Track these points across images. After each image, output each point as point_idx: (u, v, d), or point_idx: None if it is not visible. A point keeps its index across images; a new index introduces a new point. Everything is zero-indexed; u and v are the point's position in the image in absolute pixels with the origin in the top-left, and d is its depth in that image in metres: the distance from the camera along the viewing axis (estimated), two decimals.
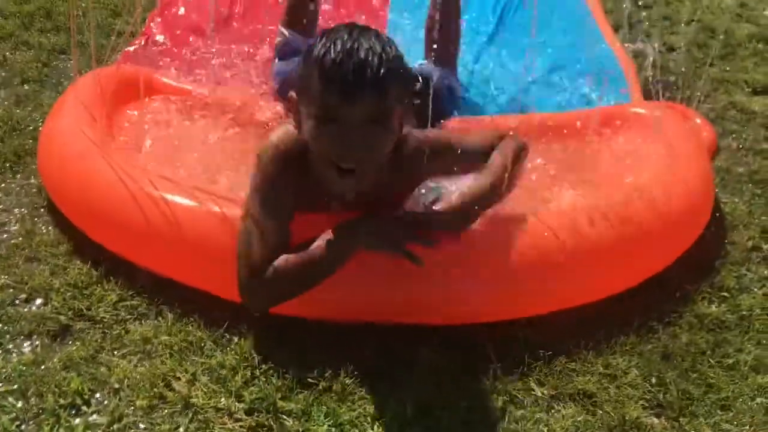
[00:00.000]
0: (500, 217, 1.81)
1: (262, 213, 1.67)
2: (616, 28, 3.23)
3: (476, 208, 1.73)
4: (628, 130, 2.36)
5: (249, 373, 1.64)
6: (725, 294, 1.96)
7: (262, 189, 1.69)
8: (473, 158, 1.79)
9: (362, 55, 1.52)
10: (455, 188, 1.75)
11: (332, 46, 1.54)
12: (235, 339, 1.72)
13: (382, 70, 1.53)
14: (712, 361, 1.76)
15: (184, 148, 2.17)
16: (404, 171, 1.75)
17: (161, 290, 1.83)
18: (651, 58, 3.03)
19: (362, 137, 1.57)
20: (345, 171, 1.61)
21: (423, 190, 1.87)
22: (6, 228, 2.04)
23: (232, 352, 1.69)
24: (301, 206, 1.73)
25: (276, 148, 1.72)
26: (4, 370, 1.63)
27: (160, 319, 1.77)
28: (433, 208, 1.69)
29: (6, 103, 2.53)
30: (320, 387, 1.61)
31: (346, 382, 1.62)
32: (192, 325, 1.75)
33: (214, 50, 2.80)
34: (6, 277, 1.86)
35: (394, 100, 1.58)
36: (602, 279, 1.85)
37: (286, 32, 2.56)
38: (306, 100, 1.60)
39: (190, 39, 2.92)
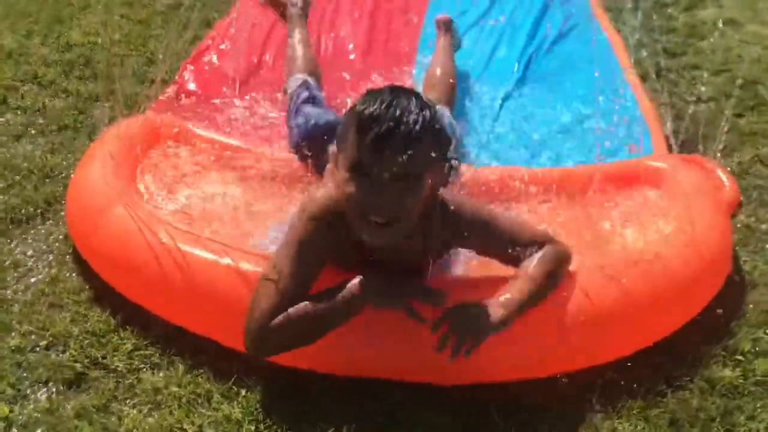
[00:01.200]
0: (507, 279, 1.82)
1: (292, 264, 1.70)
2: (644, 77, 3.24)
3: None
4: (645, 185, 2.35)
5: (253, 428, 1.67)
6: (740, 358, 1.92)
7: (300, 242, 1.73)
8: (507, 245, 1.82)
9: (398, 112, 1.59)
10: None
11: (372, 102, 1.61)
12: (243, 392, 1.76)
13: (415, 128, 1.59)
14: (721, 429, 1.73)
15: (210, 200, 2.24)
16: (435, 236, 1.78)
17: (174, 340, 1.89)
18: (678, 110, 3.05)
19: (392, 193, 1.61)
20: (377, 224, 1.64)
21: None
22: (33, 274, 2.12)
23: (239, 405, 1.73)
24: (333, 264, 1.77)
25: (322, 205, 1.75)
26: (20, 417, 1.70)
27: (171, 369, 1.82)
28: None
29: (42, 150, 2.65)
30: None
31: None
32: (201, 377, 1.80)
33: (243, 101, 2.89)
34: (29, 323, 1.94)
35: (426, 160, 1.63)
36: (609, 343, 1.83)
37: (302, 77, 2.64)
38: (343, 152, 1.66)
39: (223, 89, 3.00)
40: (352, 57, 3.37)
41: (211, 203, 2.24)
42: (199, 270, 1.88)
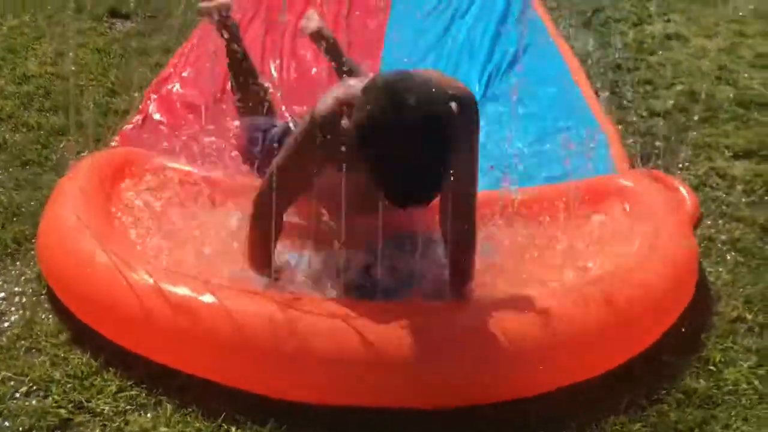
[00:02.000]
0: (482, 300, 1.87)
1: (290, 161, 1.89)
2: (600, 94, 3.35)
3: None
4: (611, 203, 2.43)
5: None
6: (712, 368, 1.99)
7: (301, 142, 1.89)
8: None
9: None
10: None
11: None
12: (233, 429, 1.75)
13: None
14: None
15: (183, 234, 2.23)
16: None
17: (160, 379, 1.86)
18: (634, 125, 3.15)
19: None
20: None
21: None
22: (6, 317, 2.08)
23: None
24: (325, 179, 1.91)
25: (331, 112, 1.81)
26: None
27: (159, 409, 1.80)
28: None
29: (6, 187, 2.60)
30: None
31: None
32: (190, 416, 1.78)
33: (209, 128, 2.88)
34: (6, 370, 1.89)
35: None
36: (585, 360, 1.89)
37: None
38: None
39: (188, 116, 3.00)
40: None
41: (185, 236, 2.24)
42: (180, 306, 1.87)
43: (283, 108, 2.82)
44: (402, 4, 4.26)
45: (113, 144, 2.78)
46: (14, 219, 2.44)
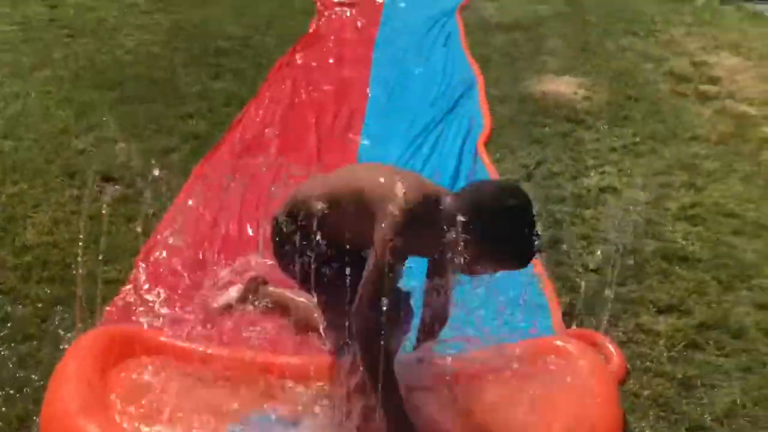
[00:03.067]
0: None
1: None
2: (541, 250, 3.75)
3: None
4: (543, 364, 2.78)
5: None
6: None
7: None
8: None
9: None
10: None
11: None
12: None
13: None
14: None
15: (179, 410, 2.51)
16: None
17: None
18: (571, 281, 3.55)
19: None
20: None
21: None
22: None
23: None
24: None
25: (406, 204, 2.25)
26: None
27: None
28: None
29: (9, 363, 2.87)
30: None
31: None
32: None
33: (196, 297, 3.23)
34: None
35: None
36: None
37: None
38: None
39: (176, 285, 3.32)
40: None
41: (184, 412, 2.51)
42: None
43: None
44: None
45: (107, 314, 3.09)
46: (17, 396, 2.71)
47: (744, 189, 4.57)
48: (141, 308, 3.15)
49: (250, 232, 3.84)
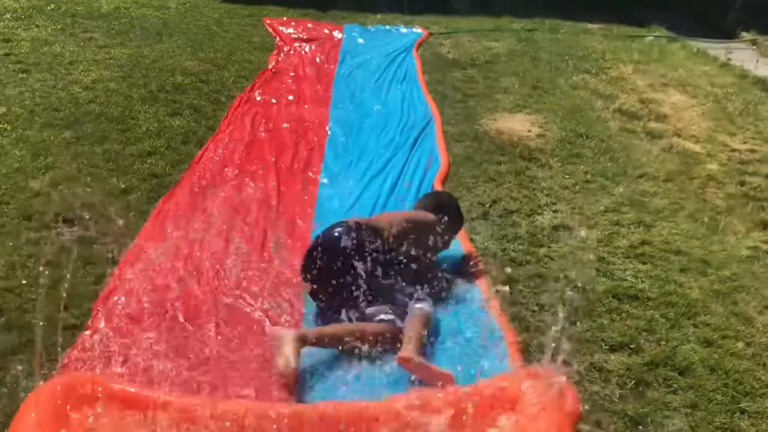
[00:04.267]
0: None
1: None
2: (498, 290, 3.86)
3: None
4: (499, 405, 2.86)
5: None
6: None
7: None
8: None
9: None
10: None
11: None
12: None
13: None
14: None
15: None
16: None
17: None
18: (526, 321, 3.65)
19: None
20: None
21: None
22: None
23: None
24: None
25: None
26: None
27: None
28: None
29: None
30: None
31: None
32: None
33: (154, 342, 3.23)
34: None
35: None
36: None
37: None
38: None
39: (135, 331, 3.33)
40: None
41: None
42: None
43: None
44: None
45: (64, 364, 3.07)
46: None
47: (690, 226, 4.75)
48: (99, 355, 3.13)
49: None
